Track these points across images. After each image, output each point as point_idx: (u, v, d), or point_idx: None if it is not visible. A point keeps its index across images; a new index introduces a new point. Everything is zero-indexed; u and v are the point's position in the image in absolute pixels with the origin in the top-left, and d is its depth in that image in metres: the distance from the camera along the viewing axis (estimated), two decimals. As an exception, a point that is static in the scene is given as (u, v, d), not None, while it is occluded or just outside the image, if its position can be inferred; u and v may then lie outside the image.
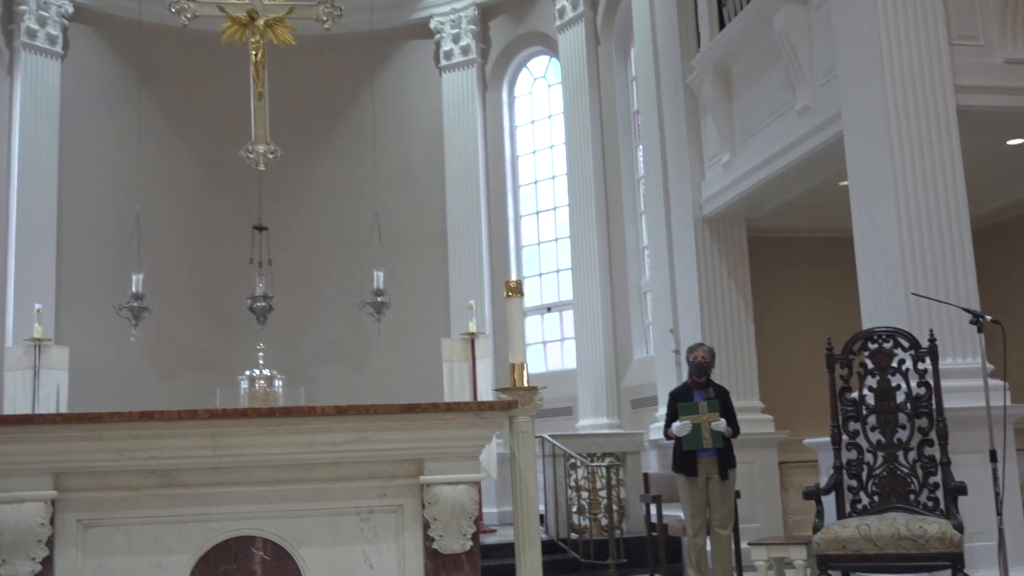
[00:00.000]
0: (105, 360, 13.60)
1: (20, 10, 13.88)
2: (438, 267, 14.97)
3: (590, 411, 13.29)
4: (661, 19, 11.74)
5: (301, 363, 14.19)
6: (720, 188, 10.57)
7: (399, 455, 5.52)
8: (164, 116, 14.97)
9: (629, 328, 13.39)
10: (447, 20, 15.32)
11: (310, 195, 15.30)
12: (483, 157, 15.15)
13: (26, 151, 13.76)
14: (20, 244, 13.54)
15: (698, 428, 8.09)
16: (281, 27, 11.06)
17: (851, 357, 7.05)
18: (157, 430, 5.42)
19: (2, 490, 5.33)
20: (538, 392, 5.84)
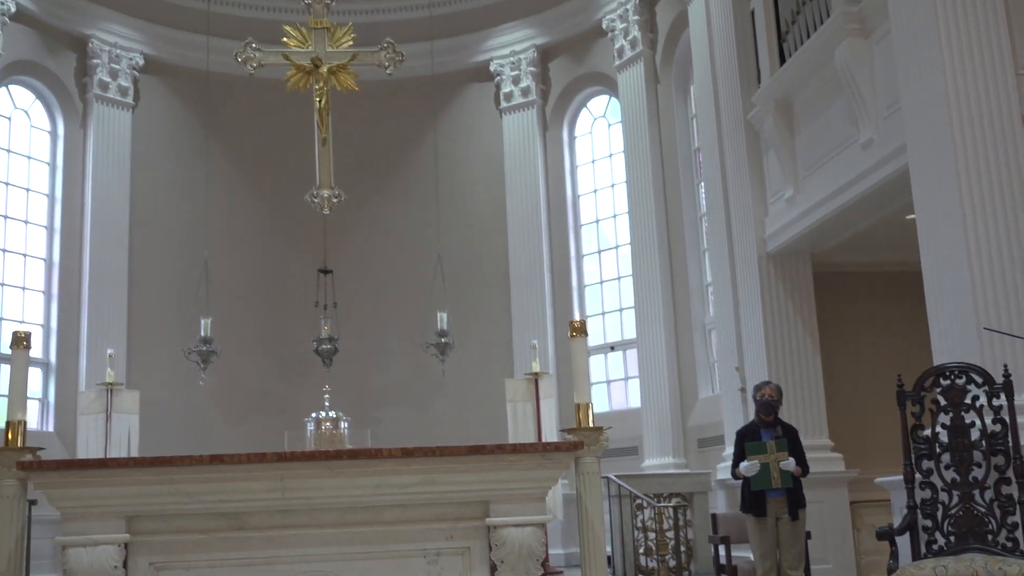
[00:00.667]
0: (175, 403, 13.82)
1: (93, 64, 14.31)
2: (501, 307, 15.00)
3: (656, 451, 13.16)
4: (720, 56, 11.73)
5: (366, 404, 14.27)
6: (784, 223, 10.48)
7: (465, 497, 5.52)
8: (231, 163, 15.28)
9: (694, 366, 13.27)
10: (507, 62, 15.47)
11: (374, 238, 15.47)
12: (544, 197, 15.20)
13: (99, 200, 14.13)
14: (93, 290, 13.87)
15: (766, 467, 7.97)
16: (344, 74, 11.22)
17: (922, 394, 6.90)
18: (227, 473, 5.48)
19: (77, 533, 5.43)
20: (604, 432, 5.81)
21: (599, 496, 5.89)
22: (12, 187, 13.75)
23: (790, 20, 10.30)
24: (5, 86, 13.69)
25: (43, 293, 13.89)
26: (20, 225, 13.80)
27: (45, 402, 13.53)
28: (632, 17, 14.13)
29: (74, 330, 13.81)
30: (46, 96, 14.30)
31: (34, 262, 13.89)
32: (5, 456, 6.01)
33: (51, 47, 14.14)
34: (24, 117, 14.16)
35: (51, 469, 5.74)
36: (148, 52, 14.84)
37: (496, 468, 5.47)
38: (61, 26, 14.14)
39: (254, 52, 11.17)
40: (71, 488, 5.58)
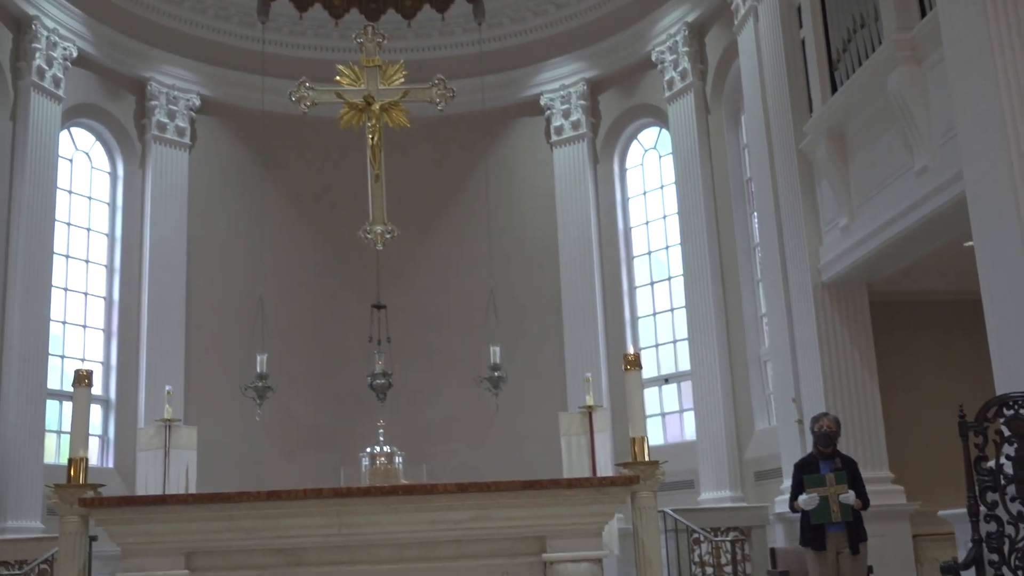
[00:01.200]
0: (231, 439, 13.95)
1: (151, 105, 14.62)
2: (554, 341, 14.98)
3: (712, 484, 13.01)
4: (771, 86, 11.69)
5: (420, 439, 14.28)
6: (839, 253, 10.38)
7: (521, 532, 5.51)
8: (286, 200, 15.49)
9: (749, 398, 13.13)
10: (557, 96, 15.54)
11: (427, 272, 15.56)
12: (596, 229, 15.20)
13: (157, 239, 14.39)
14: (152, 328, 14.10)
15: (826, 501, 7.86)
16: (396, 110, 11.35)
17: (985, 424, 6.77)
18: (284, 509, 5.52)
19: (137, 569, 5.49)
20: (660, 466, 5.77)
21: (656, 531, 5.84)
22: (74, 227, 14.05)
23: (841, 48, 10.25)
24: (67, 129, 14.01)
25: (103, 331, 14.14)
26: (81, 264, 14.09)
27: (105, 438, 13.73)
28: (681, 48, 14.13)
29: (133, 367, 14.02)
30: (106, 138, 14.63)
31: (95, 301, 14.16)
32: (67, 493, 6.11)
33: (111, 90, 14.47)
34: (85, 159, 14.48)
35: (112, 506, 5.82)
36: (204, 93, 15.13)
37: (551, 503, 5.45)
38: (121, 69, 14.47)
39: (308, 91, 11.35)
40: (131, 524, 5.65)
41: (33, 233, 12.70)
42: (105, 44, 14.12)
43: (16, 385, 12.14)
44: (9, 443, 11.97)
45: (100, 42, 14.04)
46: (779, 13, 11.49)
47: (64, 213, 13.85)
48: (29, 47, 12.96)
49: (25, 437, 12.13)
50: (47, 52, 13.13)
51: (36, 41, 12.99)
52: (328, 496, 5.52)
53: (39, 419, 12.45)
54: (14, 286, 12.43)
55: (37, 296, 12.64)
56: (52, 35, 13.20)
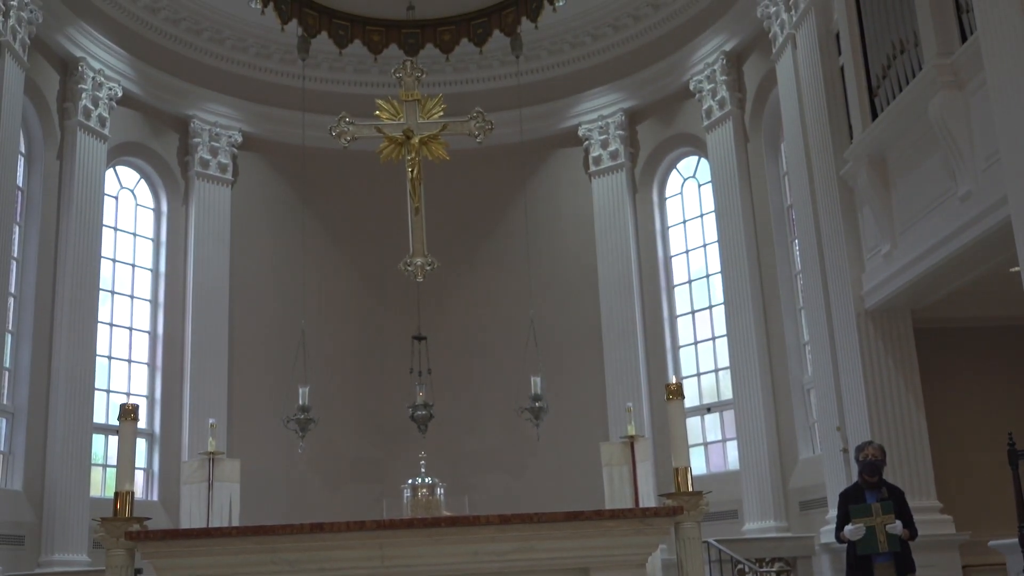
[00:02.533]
0: (274, 472, 14.02)
1: (194, 142, 14.86)
2: (595, 370, 14.94)
3: (756, 514, 12.86)
4: (811, 113, 11.66)
5: (462, 470, 14.27)
6: (882, 280, 10.29)
7: (564, 564, 5.48)
8: (326, 234, 15.63)
9: (793, 427, 12.99)
10: (595, 127, 15.58)
11: (467, 304, 15.61)
12: (635, 259, 15.18)
13: (200, 273, 14.57)
14: (195, 362, 14.24)
15: (872, 531, 7.75)
16: (435, 144, 11.45)
17: (1036, 453, 6.67)
18: (327, 542, 5.54)
19: (182, 602, 5.52)
20: (704, 497, 5.72)
21: (700, 562, 5.80)
22: (120, 263, 14.25)
23: (880, 75, 10.21)
24: (113, 167, 14.25)
25: (148, 365, 14.29)
26: (127, 300, 14.27)
27: (150, 472, 13.85)
28: (719, 77, 14.13)
29: (177, 401, 14.15)
30: (151, 175, 14.86)
31: (139, 335, 14.33)
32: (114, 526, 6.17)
33: (155, 128, 14.71)
34: (130, 196, 14.71)
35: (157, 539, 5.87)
36: (246, 129, 15.35)
37: (595, 534, 5.43)
38: (164, 108, 14.72)
39: (348, 126, 11.48)
40: (177, 558, 5.70)
41: (80, 269, 12.91)
42: (149, 84, 14.38)
43: (63, 419, 12.30)
44: (56, 476, 12.11)
45: (144, 82, 14.29)
46: (817, 40, 11.48)
47: (110, 249, 14.06)
48: (76, 88, 13.23)
49: (72, 471, 12.26)
50: (93, 92, 13.39)
51: (82, 82, 13.25)
52: (371, 528, 5.53)
53: (85, 453, 12.60)
54: (61, 321, 12.62)
55: (83, 331, 12.82)
56: (98, 76, 13.46)
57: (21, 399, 12.17)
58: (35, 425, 12.18)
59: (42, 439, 12.22)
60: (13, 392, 12.15)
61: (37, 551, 11.78)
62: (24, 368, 12.26)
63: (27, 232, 12.72)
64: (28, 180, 12.89)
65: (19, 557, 11.44)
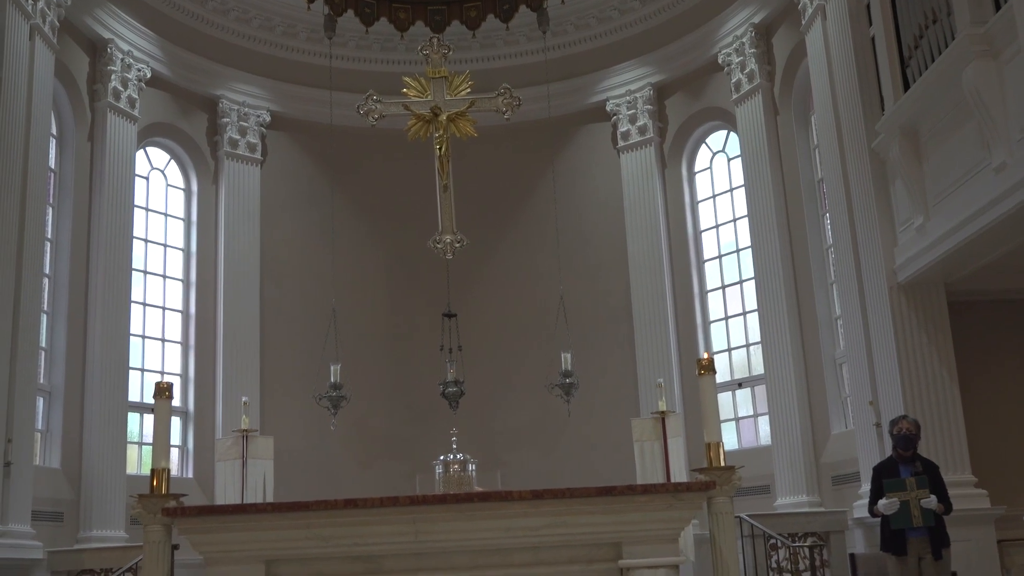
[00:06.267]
0: (307, 449, 14.14)
1: (223, 122, 14.91)
2: (625, 346, 14.93)
3: (788, 489, 12.84)
4: (841, 85, 11.54)
5: (493, 447, 14.33)
6: (915, 253, 10.20)
7: (596, 539, 5.50)
8: (356, 212, 15.67)
9: (825, 401, 12.94)
10: (623, 101, 15.50)
11: (497, 280, 15.63)
12: (665, 234, 15.12)
13: (231, 253, 14.66)
14: (227, 340, 14.35)
15: (906, 505, 7.72)
16: (463, 121, 11.42)
17: (1072, 425, 6.61)
18: (361, 517, 5.58)
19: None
20: (736, 471, 5.72)
21: (733, 537, 5.80)
22: (151, 243, 14.36)
23: (912, 45, 10.08)
24: (143, 148, 14.34)
25: (181, 344, 14.42)
26: (159, 280, 14.39)
27: (185, 449, 14.00)
28: (748, 50, 14.01)
29: (210, 379, 14.28)
30: (180, 155, 14.94)
31: (172, 315, 14.45)
32: (151, 502, 6.24)
33: (184, 109, 14.78)
34: (161, 177, 14.80)
35: (193, 515, 5.94)
36: (274, 109, 15.39)
37: (627, 509, 5.44)
38: (193, 88, 14.77)
39: (375, 104, 11.47)
40: (213, 533, 5.76)
41: (112, 250, 13.02)
42: (177, 64, 14.43)
43: (99, 398, 12.45)
44: (93, 454, 12.27)
45: (172, 62, 14.35)
46: (847, 11, 11.34)
47: (141, 230, 14.17)
48: (105, 69, 13.30)
49: (108, 448, 12.42)
50: (122, 74, 13.46)
51: (111, 64, 13.32)
52: (404, 504, 5.57)
53: (121, 431, 12.75)
54: (95, 301, 12.75)
55: (117, 311, 12.95)
56: (127, 57, 13.53)
57: (57, 378, 12.32)
58: (71, 404, 12.34)
59: (79, 418, 12.38)
60: (50, 372, 12.30)
61: (76, 527, 11.96)
62: (60, 348, 12.41)
63: (60, 213, 12.83)
64: (60, 162, 13.00)
65: (58, 533, 11.61)
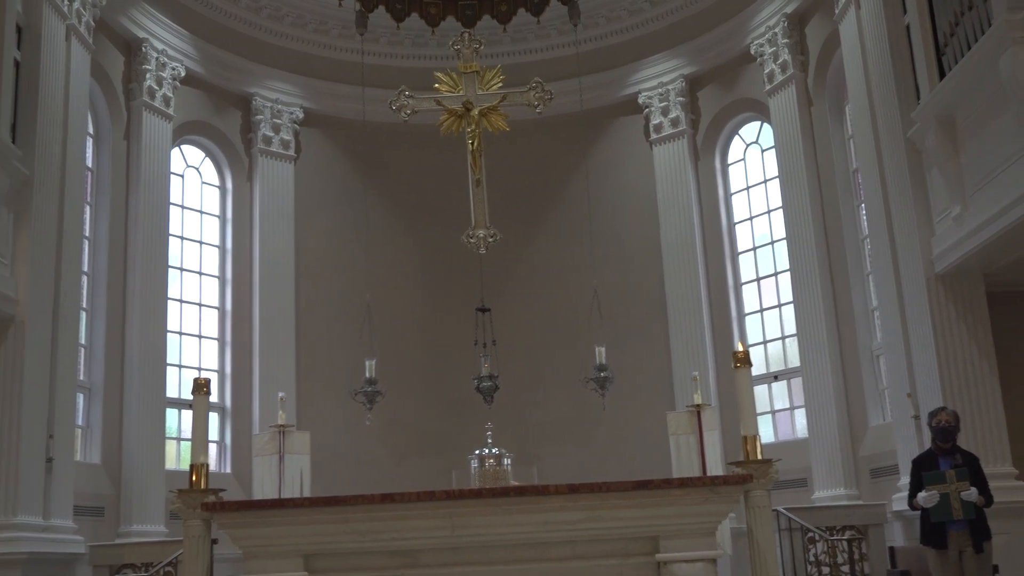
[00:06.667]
0: (343, 444, 14.21)
1: (257, 120, 15.01)
2: (659, 339, 14.89)
3: (826, 482, 12.76)
4: (876, 74, 11.43)
5: (527, 441, 14.34)
6: (952, 243, 10.09)
7: (633, 533, 5.49)
8: (389, 207, 15.72)
9: (862, 394, 12.84)
10: (655, 94, 15.44)
11: (530, 274, 15.63)
12: (699, 226, 15.06)
13: (266, 249, 14.76)
14: (263, 336, 14.45)
15: (946, 498, 7.65)
16: (495, 115, 11.42)
17: (1116, 416, 6.52)
18: (398, 512, 5.60)
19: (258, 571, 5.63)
20: (773, 464, 5.69)
21: (771, 530, 5.77)
22: (187, 241, 14.49)
23: (948, 32, 9.96)
24: (178, 146, 14.46)
25: (218, 340, 14.54)
26: (195, 276, 14.51)
27: (222, 444, 14.12)
28: (781, 40, 13.91)
29: (247, 375, 14.39)
30: (215, 153, 15.06)
31: (209, 311, 14.57)
32: (191, 497, 6.30)
33: (218, 107, 14.89)
34: (196, 174, 14.92)
35: (232, 510, 5.99)
36: (307, 106, 15.46)
37: (664, 503, 5.42)
38: (226, 86, 14.88)
39: (407, 99, 11.50)
40: (252, 528, 5.80)
41: (149, 247, 13.14)
42: (211, 62, 14.54)
43: (137, 394, 12.58)
44: (133, 450, 12.41)
45: (206, 61, 14.46)
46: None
47: (177, 227, 14.29)
48: (140, 68, 13.42)
49: (147, 444, 12.55)
50: (157, 72, 13.58)
51: (146, 63, 13.44)
52: (441, 499, 5.58)
53: (159, 426, 12.88)
54: (132, 298, 12.88)
55: (154, 308, 13.07)
56: (161, 56, 13.64)
57: (97, 375, 12.47)
58: (111, 400, 12.48)
59: (118, 414, 12.52)
60: (89, 368, 12.44)
61: (116, 522, 12.11)
62: (99, 345, 12.55)
63: (97, 212, 12.97)
64: (97, 160, 13.14)
65: (100, 528, 11.76)
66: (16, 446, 9.91)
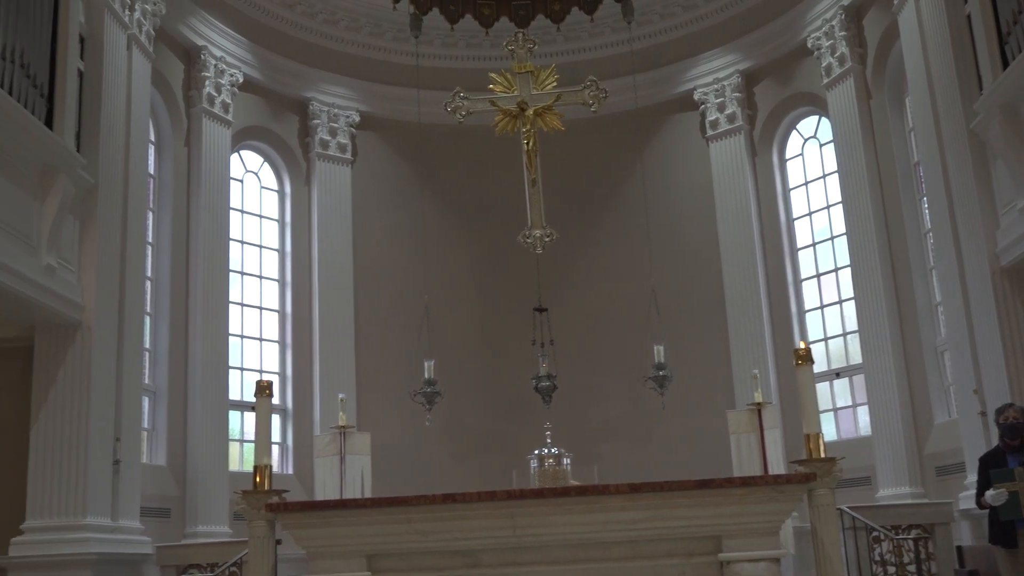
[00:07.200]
0: (403, 444, 14.29)
1: (314, 124, 15.16)
2: (719, 337, 14.78)
3: (890, 480, 12.58)
4: (936, 65, 11.25)
5: (586, 440, 14.29)
6: (1018, 235, 9.89)
7: (696, 532, 5.46)
8: (445, 209, 15.79)
9: (927, 390, 12.63)
10: (711, 90, 15.33)
11: (587, 274, 15.60)
12: (757, 223, 14.93)
13: (324, 252, 14.90)
14: (323, 338, 14.60)
15: (1015, 496, 7.50)
16: (550, 115, 11.40)
17: None
18: (459, 512, 5.62)
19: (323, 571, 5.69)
20: (837, 463, 5.62)
21: (835, 529, 5.71)
22: (247, 245, 14.67)
23: (1011, 20, 9.77)
24: (237, 152, 14.65)
25: (278, 343, 14.71)
26: (255, 280, 14.70)
27: (284, 446, 14.28)
28: (838, 33, 13.73)
29: (307, 377, 14.54)
30: (273, 158, 15.24)
31: (269, 314, 14.75)
32: (255, 498, 6.39)
33: (275, 111, 15.06)
34: (255, 179, 15.11)
35: (296, 510, 6.06)
36: (363, 109, 15.59)
37: (726, 502, 5.38)
38: (284, 91, 15.05)
39: (462, 101, 11.52)
40: (315, 528, 5.86)
41: (210, 252, 13.34)
42: (268, 68, 14.72)
43: (201, 397, 12.77)
44: (197, 452, 12.60)
45: (263, 66, 14.64)
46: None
47: (237, 231, 14.48)
48: (199, 76, 13.63)
49: (211, 446, 12.74)
50: (215, 79, 13.77)
51: (205, 70, 13.64)
52: (502, 498, 5.60)
53: (223, 429, 13.06)
54: (195, 303, 13.08)
55: (216, 312, 13.26)
56: (219, 63, 13.84)
57: (161, 378, 12.67)
58: (175, 403, 12.68)
59: (182, 416, 12.72)
60: (154, 372, 12.65)
61: (182, 523, 12.30)
62: (163, 348, 12.76)
63: (160, 217, 13.18)
64: (159, 167, 13.35)
65: (166, 529, 11.95)
66: (85, 449, 10.10)
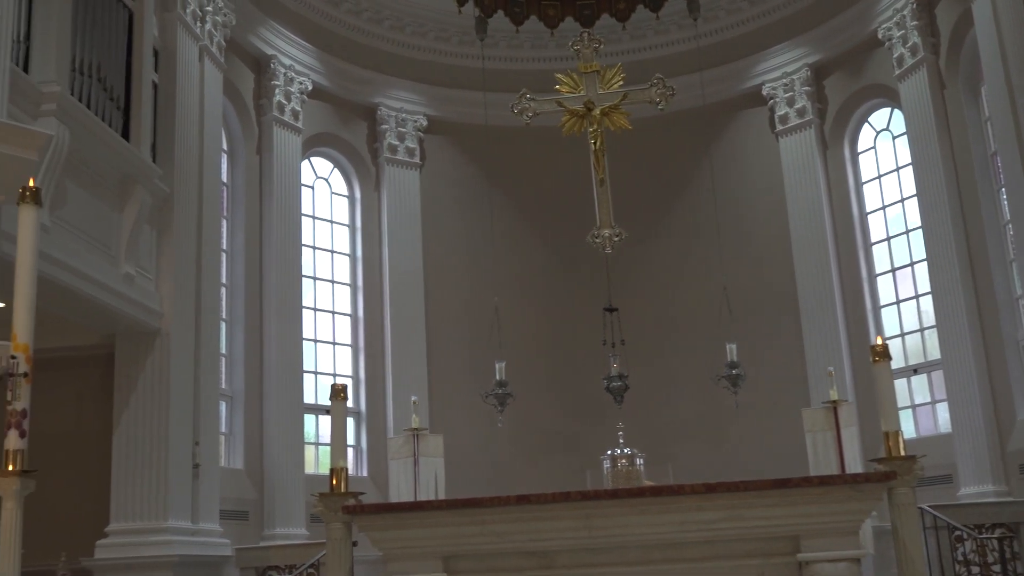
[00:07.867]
0: (476, 446, 14.35)
1: (382, 129, 15.31)
2: (792, 335, 14.59)
3: (972, 478, 12.30)
4: (1013, 53, 10.99)
5: (659, 440, 14.20)
6: (1103, 225, 9.62)
7: (773, 532, 5.39)
8: (514, 210, 15.83)
9: (1008, 385, 12.33)
10: (779, 85, 15.15)
11: (657, 273, 15.52)
12: (829, 218, 14.72)
13: (395, 256, 15.05)
14: (395, 342, 14.73)
15: (1105, 493, 7.29)
16: (617, 114, 11.37)
17: None
18: (533, 513, 5.63)
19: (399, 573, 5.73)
20: (918, 461, 5.51)
21: (917, 529, 5.60)
22: (319, 250, 14.86)
23: (1092, 5, 9.51)
24: (307, 158, 14.85)
25: (351, 347, 14.87)
26: (328, 285, 14.88)
27: (359, 449, 14.43)
28: (910, 23, 13.48)
29: (380, 380, 14.68)
30: (343, 164, 15.42)
31: (342, 319, 14.92)
32: (332, 501, 6.46)
33: (344, 118, 15.24)
34: (325, 185, 15.30)
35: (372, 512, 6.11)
36: (430, 113, 15.70)
37: (804, 502, 5.31)
38: (352, 98, 15.22)
39: (529, 102, 11.54)
40: (390, 530, 5.91)
41: (283, 257, 13.54)
42: (336, 75, 14.90)
43: (276, 401, 12.96)
44: (273, 455, 12.79)
45: (331, 74, 14.82)
46: (1018, -26, 10.80)
47: (309, 237, 14.67)
48: (269, 84, 13.84)
49: (286, 449, 12.92)
50: (285, 88, 13.98)
51: (275, 78, 13.85)
52: (576, 499, 5.59)
53: (298, 432, 13.24)
54: (269, 308, 13.28)
55: (290, 316, 13.45)
56: (288, 71, 14.04)
57: (238, 383, 12.89)
58: (251, 407, 12.88)
59: (258, 420, 12.92)
60: (231, 377, 12.86)
61: (260, 525, 12.50)
62: (239, 354, 12.97)
63: (233, 225, 13.41)
64: (232, 175, 13.59)
65: (245, 531, 12.15)
66: (165, 453, 10.31)
